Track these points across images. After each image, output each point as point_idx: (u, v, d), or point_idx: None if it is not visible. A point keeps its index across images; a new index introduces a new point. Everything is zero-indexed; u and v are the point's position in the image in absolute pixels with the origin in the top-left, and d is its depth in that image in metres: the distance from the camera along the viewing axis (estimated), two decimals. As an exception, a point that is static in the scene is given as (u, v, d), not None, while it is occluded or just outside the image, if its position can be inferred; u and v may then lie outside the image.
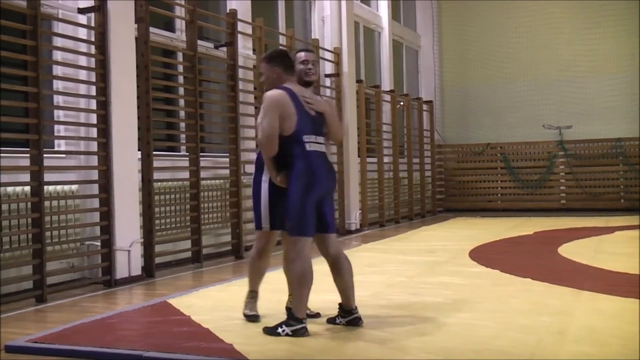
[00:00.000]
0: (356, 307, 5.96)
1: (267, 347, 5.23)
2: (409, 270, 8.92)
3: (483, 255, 10.23)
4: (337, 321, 5.96)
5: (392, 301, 6.93)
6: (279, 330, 5.59)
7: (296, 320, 5.60)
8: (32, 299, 7.73)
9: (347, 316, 5.93)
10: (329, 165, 5.93)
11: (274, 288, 7.91)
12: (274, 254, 6.49)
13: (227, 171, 11.29)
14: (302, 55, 6.06)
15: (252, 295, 6.45)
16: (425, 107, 20.57)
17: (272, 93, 5.75)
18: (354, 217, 15.04)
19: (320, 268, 9.37)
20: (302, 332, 5.56)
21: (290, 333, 5.54)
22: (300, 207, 5.66)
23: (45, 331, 6.12)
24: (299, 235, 5.72)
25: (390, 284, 7.95)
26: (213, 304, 7.06)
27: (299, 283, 5.75)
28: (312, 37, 14.78)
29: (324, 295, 7.31)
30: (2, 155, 7.84)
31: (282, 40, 13.47)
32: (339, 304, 6.02)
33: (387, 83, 18.70)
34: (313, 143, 5.78)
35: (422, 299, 7.00)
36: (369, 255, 10.71)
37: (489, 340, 5.29)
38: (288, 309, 5.84)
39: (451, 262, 9.61)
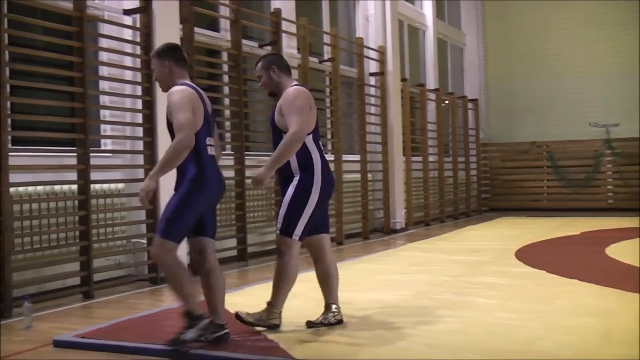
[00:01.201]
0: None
1: (312, 346, 5.25)
2: (454, 270, 8.88)
3: (529, 255, 10.13)
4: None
5: (437, 301, 6.90)
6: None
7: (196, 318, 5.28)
8: (79, 295, 7.84)
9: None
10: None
11: (317, 287, 7.94)
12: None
13: (271, 170, 11.29)
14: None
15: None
16: (470, 105, 20.45)
17: (182, 87, 5.34)
18: (399, 216, 14.99)
19: (364, 267, 9.43)
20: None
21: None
22: (181, 212, 5.27)
23: (92, 327, 6.21)
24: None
25: (435, 284, 7.93)
26: (258, 302, 7.03)
27: (180, 282, 5.29)
28: (356, 36, 14.75)
29: (367, 294, 7.33)
30: (50, 154, 7.97)
31: (326, 39, 13.48)
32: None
33: (431, 81, 18.63)
34: (210, 146, 5.45)
35: (466, 298, 6.97)
36: (413, 255, 10.68)
37: (534, 341, 5.24)
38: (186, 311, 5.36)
39: (496, 262, 9.54)
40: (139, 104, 8.93)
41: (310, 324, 5.92)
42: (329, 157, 13.14)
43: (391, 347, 5.16)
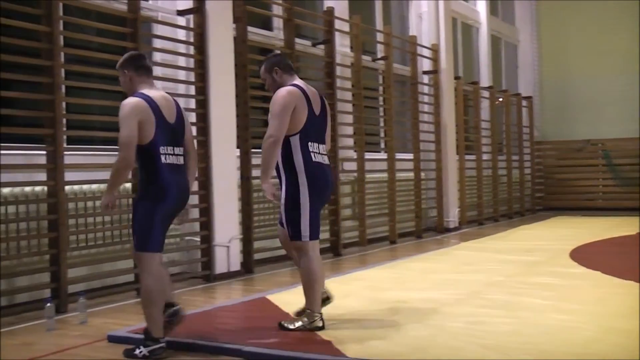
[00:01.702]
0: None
1: (366, 344, 5.23)
2: (508, 270, 8.80)
3: (583, 255, 9.99)
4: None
5: (490, 301, 6.83)
6: (137, 351, 5.22)
7: (153, 340, 5.26)
8: (133, 291, 7.91)
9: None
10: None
11: (370, 285, 7.94)
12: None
13: (324, 168, 11.31)
14: None
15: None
16: (524, 102, 20.25)
17: (132, 100, 5.33)
18: (453, 215, 14.91)
19: (417, 266, 9.40)
20: (158, 353, 5.22)
21: (147, 354, 5.19)
22: (149, 222, 5.31)
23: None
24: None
25: (489, 283, 7.86)
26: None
27: (148, 301, 5.31)
28: (410, 34, 14.71)
29: (420, 293, 7.30)
30: (104, 153, 8.07)
31: (380, 37, 13.45)
32: None
33: (485, 79, 18.50)
34: (170, 155, 5.39)
35: (520, 299, 6.88)
36: (467, 254, 10.61)
37: (589, 343, 5.17)
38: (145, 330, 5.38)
39: (550, 262, 9.42)
40: (192, 104, 9.00)
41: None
42: (382, 155, 13.14)
43: (445, 348, 5.13)
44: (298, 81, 6.01)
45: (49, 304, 6.30)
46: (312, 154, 5.82)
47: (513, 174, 19.02)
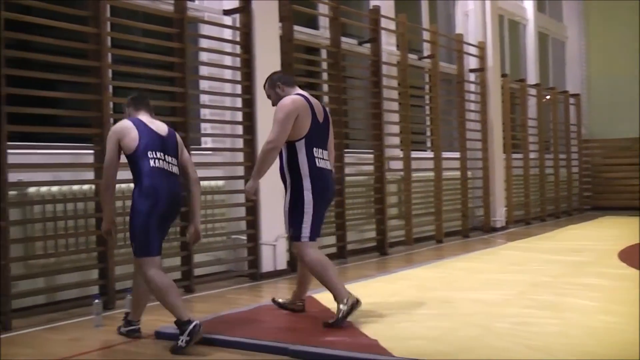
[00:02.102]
0: None
1: (412, 344, 5.21)
2: (554, 270, 8.70)
3: (632, 256, 9.80)
4: None
5: (537, 301, 6.76)
6: (179, 343, 5.36)
7: (185, 324, 5.41)
8: (180, 289, 7.97)
9: None
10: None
11: (417, 285, 7.91)
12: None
13: (371, 167, 11.32)
14: None
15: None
16: (571, 100, 20.03)
17: (121, 122, 5.82)
18: (500, 214, 14.80)
19: (464, 265, 9.35)
20: (196, 330, 5.36)
21: (187, 338, 5.34)
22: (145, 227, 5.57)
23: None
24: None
25: (535, 284, 7.77)
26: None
27: (162, 296, 5.53)
28: (456, 32, 14.63)
29: (466, 293, 7.26)
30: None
31: (426, 35, 13.39)
32: None
33: (532, 76, 18.35)
34: (160, 160, 5.66)
35: (567, 300, 6.79)
36: (513, 254, 10.52)
37: (636, 346, 5.05)
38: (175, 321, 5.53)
39: (598, 263, 9.30)
40: (238, 103, 9.04)
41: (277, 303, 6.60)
42: (428, 154, 13.11)
43: (491, 348, 5.08)
44: (301, 91, 6.27)
45: (97, 301, 6.37)
46: (316, 159, 6.08)
47: (560, 173, 18.83)
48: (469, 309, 6.39)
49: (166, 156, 5.69)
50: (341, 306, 5.89)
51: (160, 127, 5.84)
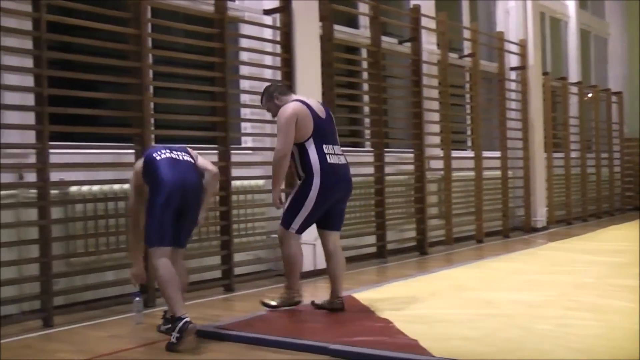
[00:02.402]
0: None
1: (452, 344, 5.18)
2: (596, 271, 8.61)
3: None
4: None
5: (579, 303, 6.67)
6: (172, 339, 5.42)
7: (177, 320, 5.46)
8: (220, 287, 8.03)
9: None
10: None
11: (457, 285, 7.88)
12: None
13: (411, 166, 11.29)
14: None
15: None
16: (614, 98, 19.81)
17: None
18: (540, 214, 14.67)
19: (504, 266, 9.29)
20: (185, 328, 5.41)
21: (178, 335, 5.40)
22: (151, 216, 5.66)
23: (232, 319, 6.36)
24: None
25: (577, 285, 7.69)
26: (397, 299, 7.07)
27: (163, 287, 5.60)
28: (497, 30, 14.53)
29: (507, 294, 7.21)
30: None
31: (466, 34, 13.32)
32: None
33: (574, 74, 18.16)
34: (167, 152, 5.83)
35: (609, 302, 6.70)
36: (554, 254, 10.44)
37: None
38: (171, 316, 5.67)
39: (640, 264, 9.18)
40: (278, 102, 9.05)
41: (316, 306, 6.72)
42: (468, 153, 13.04)
43: (532, 350, 5.04)
44: (298, 97, 6.56)
45: (137, 299, 6.41)
46: (327, 156, 6.38)
47: (602, 172, 18.64)
48: (510, 310, 6.35)
49: (173, 152, 5.84)
50: (285, 295, 6.66)
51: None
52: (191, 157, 5.94)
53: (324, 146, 6.38)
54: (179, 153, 5.86)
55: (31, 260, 6.66)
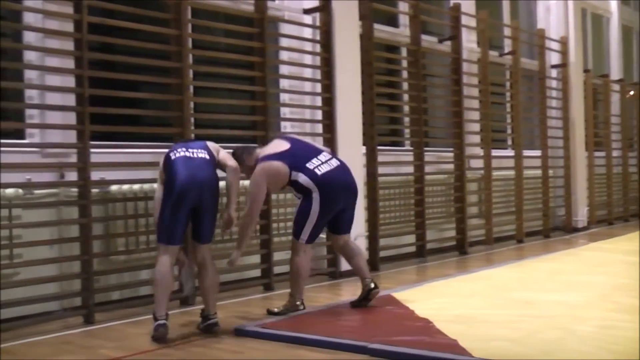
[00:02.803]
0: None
1: (492, 345, 5.15)
2: (637, 272, 8.48)
3: None
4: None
5: (619, 304, 6.60)
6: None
7: (155, 319, 5.72)
8: (260, 286, 8.05)
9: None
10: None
11: (497, 285, 7.84)
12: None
13: (451, 166, 11.24)
14: None
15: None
16: (657, 96, 19.57)
17: None
18: (581, 214, 14.53)
19: (545, 266, 9.23)
20: (157, 329, 5.68)
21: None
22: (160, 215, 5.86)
23: (272, 318, 6.42)
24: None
25: (618, 286, 7.60)
26: (437, 299, 7.05)
27: (154, 286, 5.88)
28: (537, 27, 14.41)
29: (548, 294, 7.16)
30: (230, 150, 8.21)
31: (507, 31, 13.24)
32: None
33: (615, 71, 17.97)
34: (182, 150, 5.98)
35: (651, 304, 6.62)
36: (595, 255, 10.34)
37: None
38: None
39: (684, 265, 9.05)
40: (318, 101, 9.07)
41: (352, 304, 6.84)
42: (509, 152, 12.96)
43: (573, 352, 4.99)
44: (261, 150, 6.72)
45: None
46: (316, 170, 6.54)
47: (645, 172, 18.41)
48: (550, 311, 6.30)
49: (188, 149, 5.98)
50: (288, 303, 6.69)
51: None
52: (209, 153, 6.02)
53: (307, 164, 6.55)
54: (194, 150, 5.97)
55: (72, 257, 6.75)
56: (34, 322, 6.41)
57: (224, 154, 6.17)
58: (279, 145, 6.74)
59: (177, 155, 5.89)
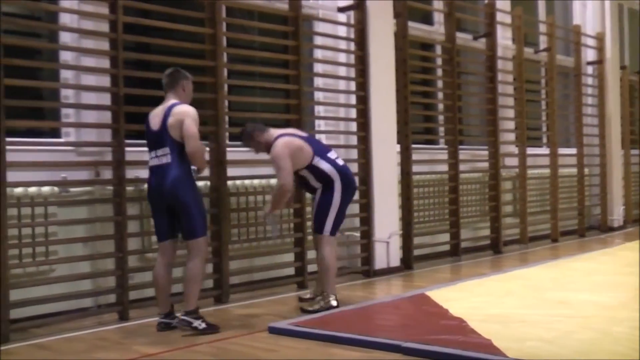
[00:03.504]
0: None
1: (527, 345, 5.12)
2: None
3: None
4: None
5: (656, 305, 6.54)
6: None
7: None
8: (294, 284, 8.06)
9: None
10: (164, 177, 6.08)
11: (531, 285, 7.79)
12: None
13: (486, 164, 11.19)
14: None
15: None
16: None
17: None
18: (617, 213, 14.39)
19: (580, 266, 9.15)
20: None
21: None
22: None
23: (306, 316, 6.43)
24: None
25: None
26: (471, 298, 7.02)
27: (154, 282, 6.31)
28: (573, 23, 14.30)
29: (583, 295, 7.10)
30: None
31: (542, 28, 13.15)
32: None
33: (653, 69, 17.77)
34: (153, 158, 6.16)
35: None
36: (631, 255, 10.17)
37: None
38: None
39: None
40: (352, 100, 9.06)
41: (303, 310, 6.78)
42: (544, 150, 12.88)
43: (608, 353, 4.95)
44: (277, 130, 6.89)
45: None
46: (336, 161, 6.82)
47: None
48: (586, 312, 6.25)
49: (157, 151, 6.12)
50: (322, 301, 6.72)
51: (155, 118, 6.20)
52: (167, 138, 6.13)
53: (328, 155, 6.82)
54: (160, 152, 6.15)
55: (107, 255, 6.80)
56: (70, 318, 6.48)
57: (184, 132, 6.07)
58: (296, 132, 7.03)
59: (151, 163, 6.23)
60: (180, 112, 6.05)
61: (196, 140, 5.97)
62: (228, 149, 7.50)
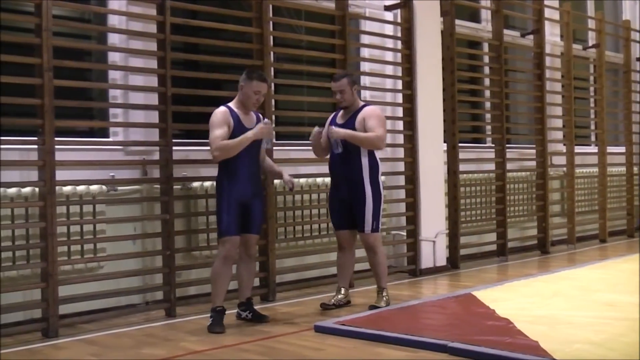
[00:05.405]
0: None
1: (574, 347, 5.07)
2: None
3: None
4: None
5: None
6: None
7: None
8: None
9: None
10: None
11: (580, 285, 7.71)
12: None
13: (533, 163, 11.10)
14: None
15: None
16: None
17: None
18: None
19: (628, 267, 9.05)
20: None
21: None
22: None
23: (352, 315, 6.42)
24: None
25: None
26: (518, 299, 6.97)
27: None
28: (623, 19, 14.11)
29: (631, 296, 6.99)
30: (309, 148, 8.24)
31: (591, 24, 13.00)
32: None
33: None
34: None
35: None
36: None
37: None
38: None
39: None
40: (399, 98, 9.05)
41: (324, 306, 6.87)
42: (592, 149, 12.77)
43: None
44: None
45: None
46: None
47: None
48: (634, 314, 6.13)
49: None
50: (386, 296, 6.89)
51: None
52: None
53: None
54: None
55: (155, 252, 6.88)
56: (118, 314, 6.59)
57: None
58: None
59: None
60: None
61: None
62: (275, 147, 7.52)
